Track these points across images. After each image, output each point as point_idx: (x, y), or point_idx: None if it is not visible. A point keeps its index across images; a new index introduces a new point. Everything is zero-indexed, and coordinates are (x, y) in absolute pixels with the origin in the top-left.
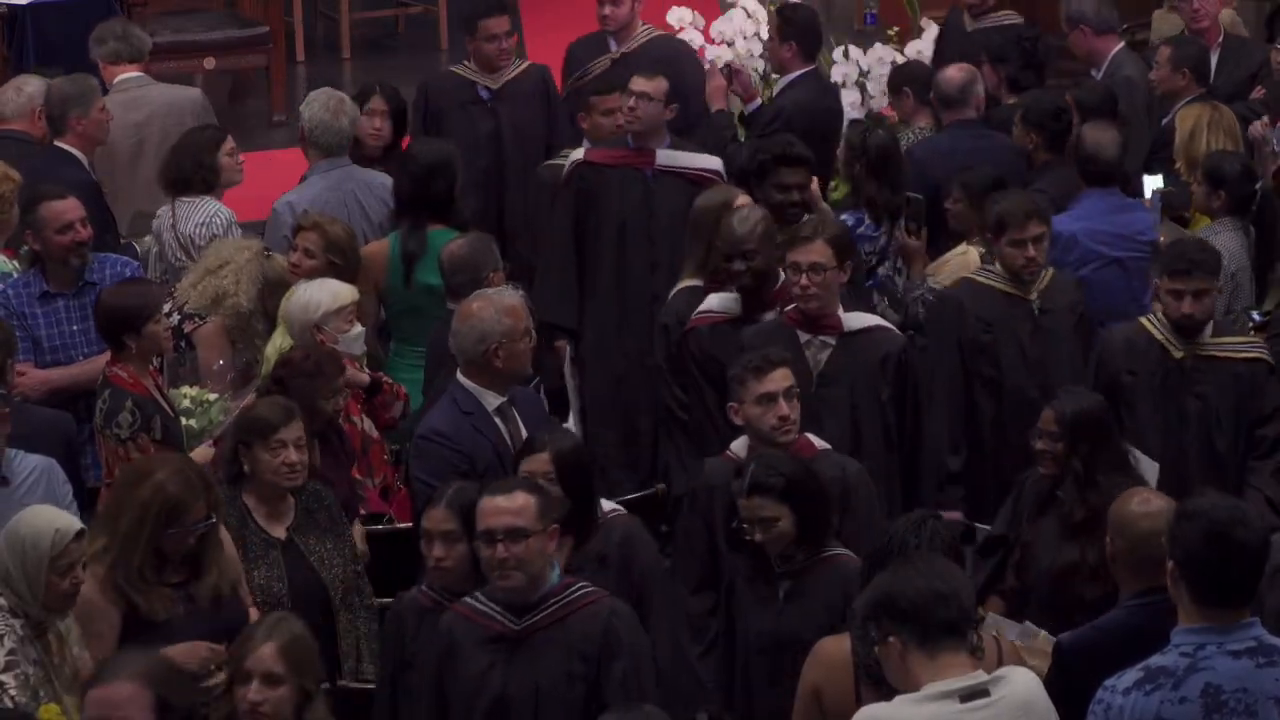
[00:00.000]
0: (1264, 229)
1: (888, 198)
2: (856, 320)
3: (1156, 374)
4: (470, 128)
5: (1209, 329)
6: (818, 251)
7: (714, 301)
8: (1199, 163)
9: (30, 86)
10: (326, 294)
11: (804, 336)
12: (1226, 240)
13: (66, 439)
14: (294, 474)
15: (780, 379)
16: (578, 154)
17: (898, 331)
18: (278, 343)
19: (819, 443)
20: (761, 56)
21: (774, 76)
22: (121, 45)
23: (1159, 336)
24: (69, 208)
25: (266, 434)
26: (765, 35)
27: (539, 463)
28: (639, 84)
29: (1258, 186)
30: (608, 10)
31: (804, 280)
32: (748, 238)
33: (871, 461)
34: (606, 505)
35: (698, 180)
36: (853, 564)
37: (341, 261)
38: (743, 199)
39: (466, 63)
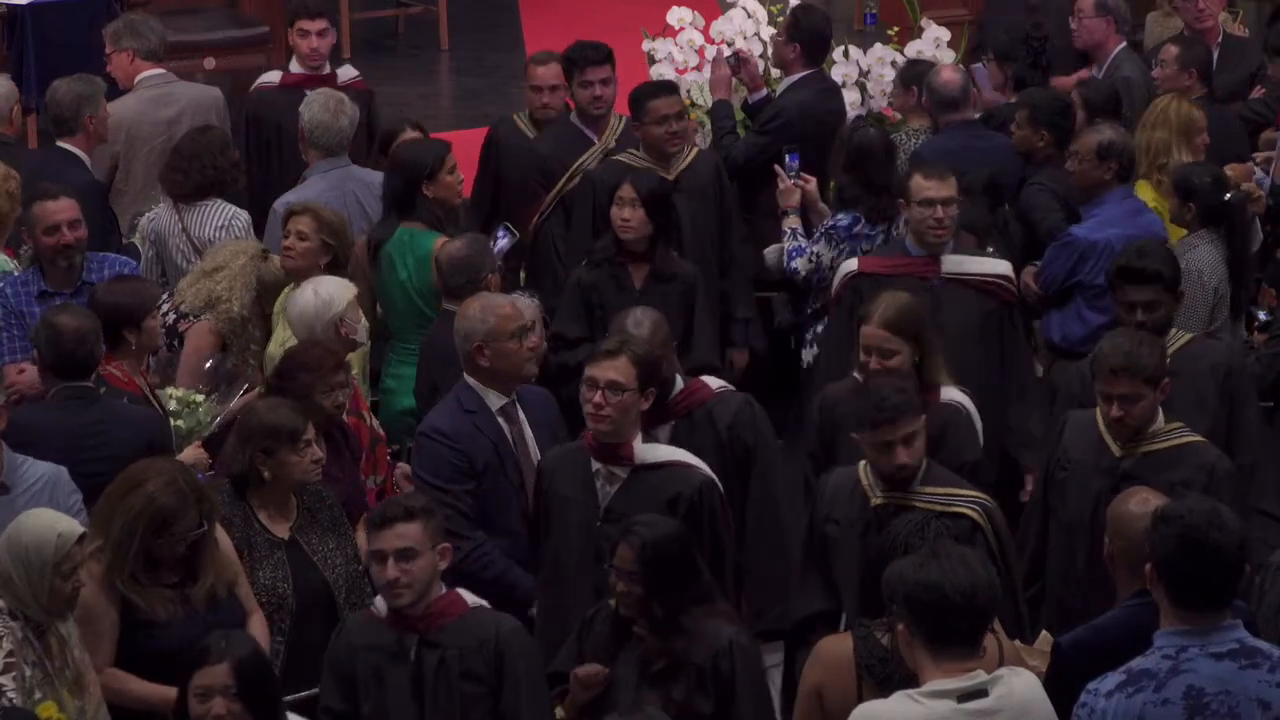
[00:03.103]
0: (1235, 238)
1: (869, 193)
2: (652, 453)
3: (857, 524)
4: None
5: (920, 476)
6: (619, 369)
7: None
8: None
9: (2, 88)
10: (340, 286)
11: (595, 465)
12: (1205, 253)
13: (149, 440)
14: (319, 468)
15: (393, 538)
16: (850, 265)
17: (699, 468)
18: (281, 338)
19: (470, 599)
20: (762, 56)
21: (774, 74)
22: (157, 42)
23: (864, 482)
24: (58, 209)
25: (295, 438)
26: (765, 35)
27: (218, 675)
28: (944, 189)
29: (1228, 196)
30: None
31: (598, 398)
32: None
33: None
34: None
35: (988, 288)
36: None
37: (335, 243)
38: None
39: (634, 151)
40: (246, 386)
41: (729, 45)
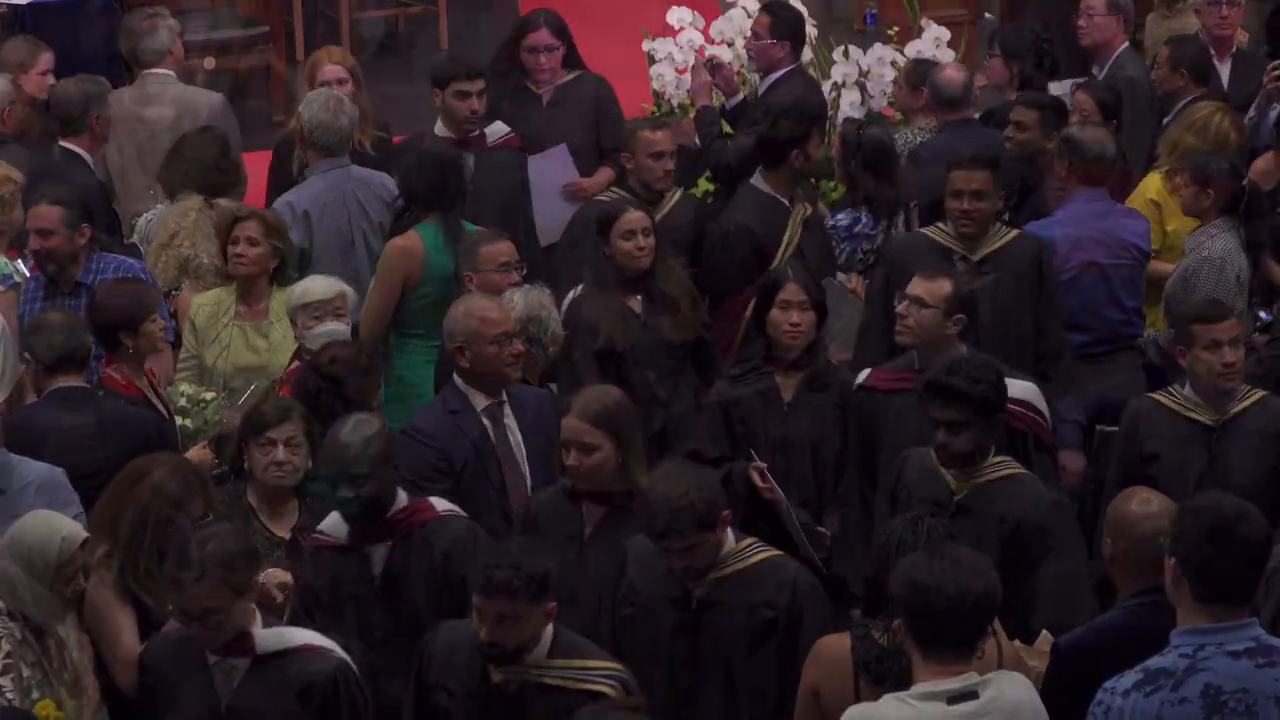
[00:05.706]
0: (1251, 225)
1: (885, 192)
2: (277, 639)
3: (475, 697)
4: None
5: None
6: (210, 595)
7: (328, 523)
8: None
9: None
10: (299, 288)
11: (211, 657)
12: (1224, 243)
13: (145, 440)
14: (282, 473)
15: None
16: (863, 377)
17: (332, 652)
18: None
19: None
20: (749, 53)
21: (753, 75)
22: (161, 44)
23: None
24: (34, 215)
25: (260, 431)
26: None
27: None
28: (915, 286)
29: (1244, 184)
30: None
31: (198, 631)
32: (356, 459)
33: None
34: None
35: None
36: None
37: (283, 245)
38: None
39: (940, 225)
40: (254, 388)
41: (729, 45)
